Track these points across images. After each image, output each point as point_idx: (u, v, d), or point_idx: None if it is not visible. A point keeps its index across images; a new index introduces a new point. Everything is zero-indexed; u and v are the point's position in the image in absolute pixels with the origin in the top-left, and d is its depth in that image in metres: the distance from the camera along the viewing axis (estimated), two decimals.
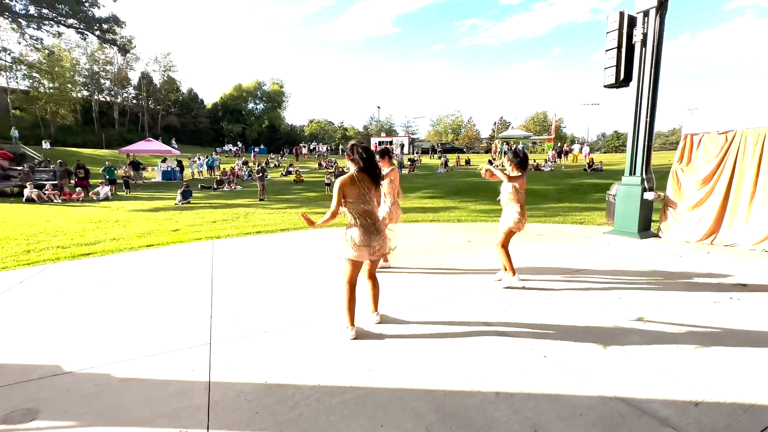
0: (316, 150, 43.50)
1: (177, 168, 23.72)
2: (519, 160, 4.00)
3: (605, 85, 6.94)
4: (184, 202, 13.10)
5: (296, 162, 32.82)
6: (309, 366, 2.54)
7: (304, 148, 43.49)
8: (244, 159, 31.70)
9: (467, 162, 29.92)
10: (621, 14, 6.55)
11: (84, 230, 7.93)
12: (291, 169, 24.98)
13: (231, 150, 42.77)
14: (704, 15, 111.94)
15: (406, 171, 25.40)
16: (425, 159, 35.52)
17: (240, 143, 47.36)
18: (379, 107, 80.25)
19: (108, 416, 2.05)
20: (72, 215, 10.36)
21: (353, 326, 2.95)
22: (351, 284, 2.94)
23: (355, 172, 2.84)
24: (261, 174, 15.02)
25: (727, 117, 6.09)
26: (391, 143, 40.00)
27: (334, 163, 28.58)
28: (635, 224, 6.62)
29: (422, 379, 2.37)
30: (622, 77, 6.66)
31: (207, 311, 3.48)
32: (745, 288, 3.97)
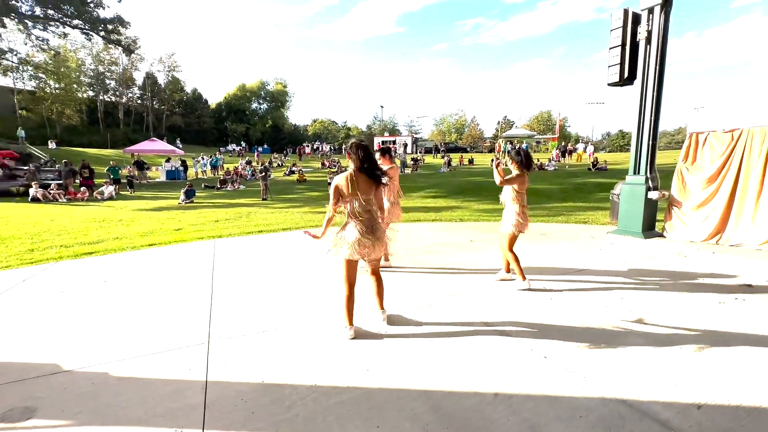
0: (320, 150, 43.54)
1: (181, 168, 23.84)
2: (520, 159, 3.95)
3: (609, 83, 6.87)
4: (188, 202, 13.15)
5: (299, 161, 32.89)
6: (306, 366, 2.52)
7: (308, 148, 43.55)
8: (248, 159, 31.79)
9: (470, 161, 29.80)
10: (625, 11, 6.49)
11: (87, 229, 7.98)
12: (294, 169, 25.01)
13: (234, 150, 42.92)
14: (710, 13, 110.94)
15: (409, 170, 25.36)
16: (428, 158, 35.44)
17: (243, 143, 47.50)
18: (383, 107, 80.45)
19: (103, 415, 2.04)
20: (76, 214, 10.43)
21: (352, 326, 2.93)
22: (349, 283, 2.93)
23: (353, 171, 2.83)
24: (264, 174, 15.04)
25: (734, 115, 6.00)
26: (395, 143, 39.95)
27: (337, 163, 28.61)
28: (639, 224, 6.55)
29: (420, 380, 2.34)
30: (626, 75, 6.60)
31: (206, 310, 3.48)
32: (751, 289, 3.91)
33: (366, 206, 2.83)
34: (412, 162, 27.48)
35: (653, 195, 6.49)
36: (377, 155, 4.55)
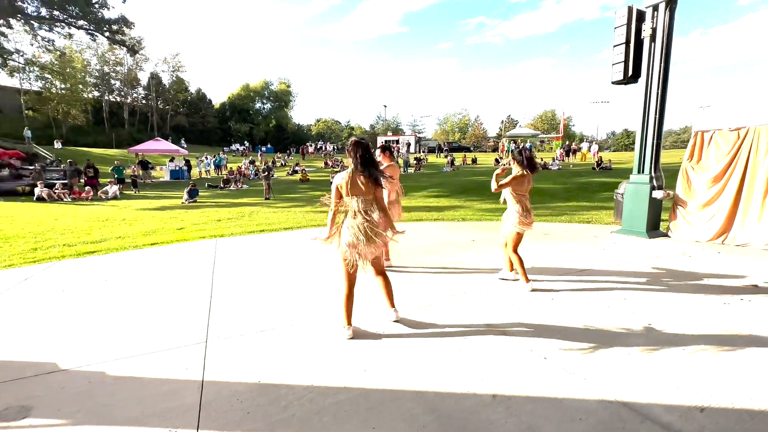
0: (323, 149, 43.57)
1: (185, 167, 23.94)
2: (521, 159, 3.92)
3: (613, 82, 6.80)
4: (191, 201, 13.20)
5: (302, 161, 32.92)
6: (304, 365, 2.51)
7: (311, 147, 43.60)
8: (251, 158, 31.88)
9: (473, 161, 29.69)
10: (629, 8, 6.42)
11: (91, 228, 8.02)
12: (297, 169, 25.05)
13: (238, 149, 43.04)
14: (716, 11, 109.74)
15: (412, 170, 25.31)
16: (431, 158, 35.35)
17: (247, 142, 47.61)
18: (386, 106, 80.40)
19: (98, 415, 2.04)
20: (80, 214, 10.49)
21: (350, 325, 2.91)
22: (348, 282, 2.90)
23: (352, 171, 2.81)
24: (267, 173, 15.07)
25: (740, 113, 5.92)
26: (398, 142, 39.95)
27: (340, 162, 28.62)
28: (643, 223, 6.48)
29: (418, 380, 2.32)
30: (631, 73, 6.53)
31: (205, 309, 3.47)
32: (757, 289, 3.85)
33: (364, 206, 2.81)
34: (415, 161, 27.42)
35: (658, 194, 6.42)
36: (378, 152, 4.52)
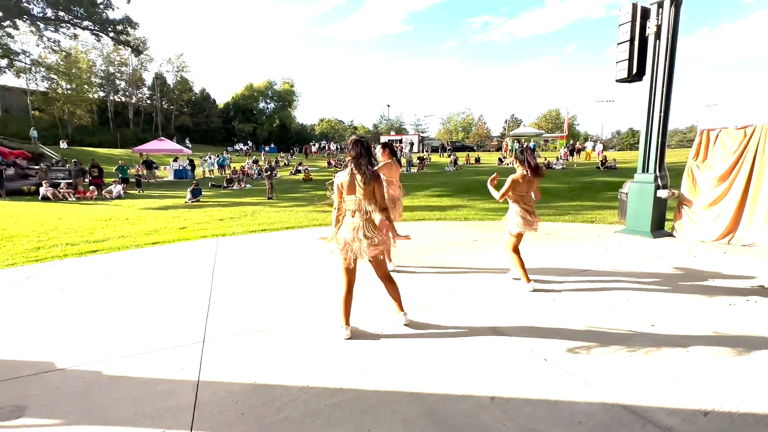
0: (326, 148, 43.62)
1: (189, 167, 24.04)
2: (523, 158, 3.90)
3: (617, 80, 6.72)
4: (194, 201, 13.24)
5: (306, 160, 32.97)
6: (300, 366, 2.48)
7: (314, 147, 43.68)
8: (254, 158, 31.97)
9: (477, 160, 29.57)
10: (634, 5, 6.33)
11: (94, 228, 8.05)
12: (300, 168, 25.07)
13: (242, 149, 43.20)
14: (724, 8, 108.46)
15: (415, 169, 25.25)
16: (435, 157, 35.26)
17: (251, 142, 47.76)
18: (389, 105, 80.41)
19: (92, 415, 2.02)
20: (84, 213, 10.55)
21: (348, 326, 2.88)
22: (347, 282, 2.88)
23: (351, 169, 2.79)
24: (269, 173, 15.08)
25: (746, 112, 5.83)
26: (401, 141, 39.90)
27: (343, 162, 28.62)
28: (648, 223, 6.39)
29: (415, 382, 2.29)
30: (635, 71, 6.44)
31: (204, 309, 3.46)
32: (764, 290, 3.77)
33: (363, 205, 2.78)
34: (418, 161, 27.35)
35: (662, 194, 6.34)
36: (378, 149, 4.50)
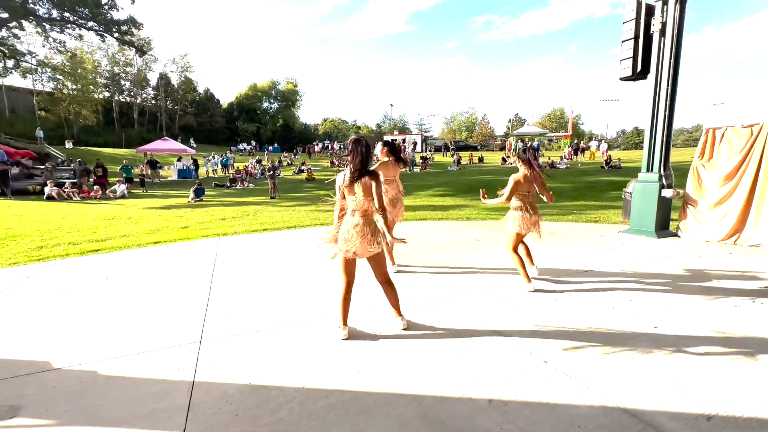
0: (329, 148, 43.64)
1: (192, 167, 24.13)
2: (526, 158, 3.91)
3: (621, 78, 6.65)
4: (197, 200, 13.28)
5: (309, 160, 32.99)
6: (296, 367, 2.46)
7: (317, 146, 43.73)
8: (258, 157, 32.03)
9: (480, 160, 29.45)
10: (638, 2, 6.25)
11: (97, 227, 8.09)
12: (303, 168, 25.09)
13: (245, 149, 43.31)
14: (729, 6, 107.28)
15: (418, 169, 25.19)
16: (438, 157, 35.16)
17: (254, 142, 47.90)
18: (392, 105, 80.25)
19: (86, 416, 2.01)
20: (88, 212, 10.61)
21: (346, 326, 2.85)
22: (346, 282, 2.86)
23: (350, 169, 2.78)
24: (272, 172, 15.09)
25: (753, 110, 5.74)
26: (404, 141, 39.81)
27: (346, 161, 28.55)
28: (652, 223, 6.32)
29: (412, 383, 2.25)
30: (640, 69, 6.36)
31: (202, 308, 3.45)
32: None
33: (362, 205, 2.76)
34: (421, 160, 27.28)
35: (667, 193, 6.25)
36: (379, 147, 4.48)
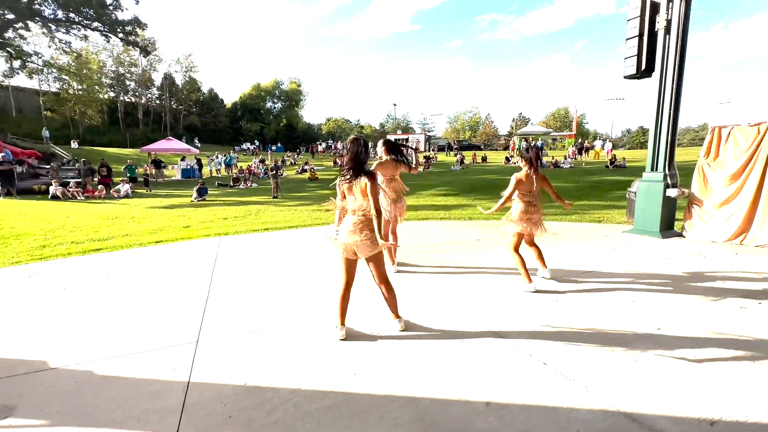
0: (332, 147, 43.67)
1: (196, 166, 24.23)
2: (528, 157, 3.87)
3: (626, 76, 6.56)
4: (200, 200, 13.31)
5: (312, 160, 33.01)
6: (292, 368, 2.43)
7: (320, 146, 43.77)
8: (261, 157, 32.10)
9: (484, 159, 29.33)
10: (643, 0, 6.18)
11: (100, 226, 8.12)
12: (306, 167, 25.11)
13: (249, 148, 43.43)
14: (738, 4, 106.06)
15: (421, 168, 25.14)
16: (441, 156, 35.06)
17: (258, 142, 48.02)
18: (396, 105, 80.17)
19: (80, 416, 2.00)
20: (91, 212, 10.66)
21: (343, 326, 2.83)
22: (345, 281, 2.84)
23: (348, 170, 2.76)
24: (275, 172, 15.10)
25: (760, 109, 5.66)
26: (407, 140, 39.74)
27: None
28: (657, 223, 6.23)
29: (408, 386, 2.22)
30: (644, 67, 6.27)
31: (201, 308, 3.44)
32: None
33: (360, 204, 2.73)
34: (424, 160, 27.22)
35: (672, 192, 6.17)
36: (380, 145, 4.44)
